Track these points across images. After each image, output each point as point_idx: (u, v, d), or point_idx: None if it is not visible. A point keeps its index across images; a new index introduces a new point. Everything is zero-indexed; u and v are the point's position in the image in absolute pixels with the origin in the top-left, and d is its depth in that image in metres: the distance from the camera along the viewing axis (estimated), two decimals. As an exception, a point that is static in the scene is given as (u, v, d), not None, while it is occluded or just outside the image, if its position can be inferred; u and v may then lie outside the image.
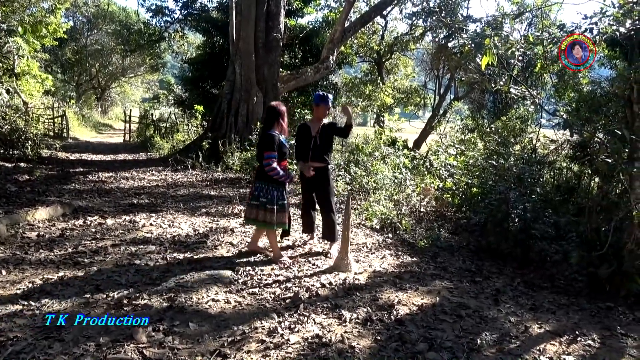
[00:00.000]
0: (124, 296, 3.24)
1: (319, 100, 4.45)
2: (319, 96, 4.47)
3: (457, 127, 11.92)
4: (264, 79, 11.99)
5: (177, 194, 7.45)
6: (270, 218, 3.97)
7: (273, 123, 3.98)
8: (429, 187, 7.16)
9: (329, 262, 4.25)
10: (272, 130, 3.95)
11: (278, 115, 3.99)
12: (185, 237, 4.85)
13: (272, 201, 3.97)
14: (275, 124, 3.98)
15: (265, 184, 3.98)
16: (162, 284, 3.48)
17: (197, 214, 6.09)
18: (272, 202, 3.97)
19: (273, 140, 3.89)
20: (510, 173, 6.23)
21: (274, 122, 3.98)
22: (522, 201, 5.02)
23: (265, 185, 3.98)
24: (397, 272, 4.15)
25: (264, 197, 3.97)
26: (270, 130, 3.94)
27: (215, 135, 11.32)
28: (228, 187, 8.42)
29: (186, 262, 4.04)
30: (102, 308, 3.05)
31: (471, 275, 4.31)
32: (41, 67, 17.77)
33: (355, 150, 9.43)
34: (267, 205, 3.96)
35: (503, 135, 9.13)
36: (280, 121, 4.01)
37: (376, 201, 6.40)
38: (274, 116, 3.98)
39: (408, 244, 5.25)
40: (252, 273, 3.85)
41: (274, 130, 3.96)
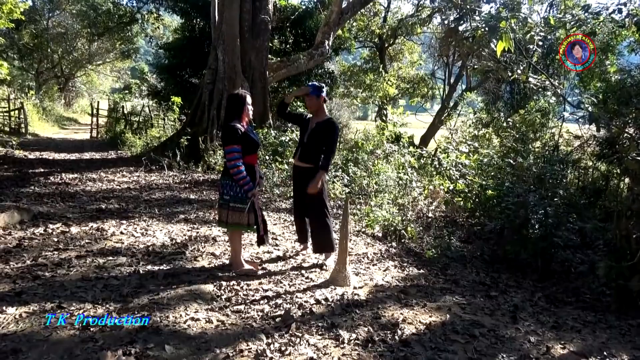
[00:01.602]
0: (90, 315, 3.22)
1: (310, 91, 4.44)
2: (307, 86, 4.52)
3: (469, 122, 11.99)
4: (250, 66, 11.97)
5: (151, 198, 7.41)
6: (240, 218, 3.99)
7: (235, 113, 4.00)
8: (438, 189, 7.19)
9: (325, 276, 4.24)
10: (234, 121, 3.96)
11: (242, 105, 4.01)
12: (160, 247, 4.83)
13: (237, 199, 3.98)
14: (238, 115, 4.00)
15: (229, 180, 4.00)
16: (134, 301, 3.46)
17: (175, 220, 6.07)
18: (237, 199, 3.98)
19: (235, 131, 3.89)
20: (530, 173, 6.27)
21: (237, 112, 4.00)
22: (543, 205, 5.04)
23: (229, 182, 4.00)
24: (402, 286, 4.15)
25: (227, 195, 4.01)
26: (233, 122, 3.96)
27: (195, 130, 11.29)
28: (210, 189, 8.39)
29: (162, 275, 4.02)
30: (64, 329, 3.03)
31: (486, 289, 4.32)
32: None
33: (355, 148, 9.45)
34: (232, 203, 3.98)
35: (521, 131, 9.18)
36: (245, 112, 4.03)
37: (378, 205, 6.41)
38: (237, 106, 4.01)
39: (414, 254, 5.25)
40: (237, 288, 3.84)
41: (237, 121, 3.98)
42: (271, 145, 9.67)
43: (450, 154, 8.19)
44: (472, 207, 6.69)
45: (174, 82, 16.59)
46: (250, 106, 4.11)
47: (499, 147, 9.43)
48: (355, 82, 24.31)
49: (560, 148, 9.12)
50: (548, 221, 4.88)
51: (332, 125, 4.38)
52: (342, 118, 25.87)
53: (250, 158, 4.04)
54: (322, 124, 4.40)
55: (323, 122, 4.41)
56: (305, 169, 4.42)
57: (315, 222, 4.51)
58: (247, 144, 3.98)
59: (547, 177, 5.87)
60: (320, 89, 4.44)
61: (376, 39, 24.44)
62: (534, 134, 9.44)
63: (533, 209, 5.05)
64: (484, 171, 7.51)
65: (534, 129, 9.54)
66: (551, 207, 5.07)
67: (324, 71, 17.40)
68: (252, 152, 4.06)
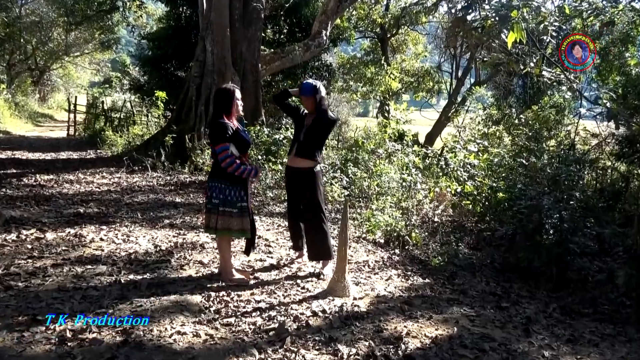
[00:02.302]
0: (67, 328, 3.21)
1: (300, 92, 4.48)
2: (299, 85, 4.55)
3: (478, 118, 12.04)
4: (241, 58, 11.98)
5: (133, 202, 7.41)
6: (229, 223, 4.00)
7: (224, 109, 4.01)
8: (445, 191, 7.21)
9: (322, 285, 4.25)
10: (223, 118, 3.98)
11: (231, 100, 4.02)
12: (143, 255, 4.83)
13: (227, 202, 4.00)
14: (226, 111, 4.01)
15: (218, 182, 4.02)
16: (115, 313, 3.45)
17: (159, 226, 6.07)
18: (227, 203, 4.00)
19: (225, 128, 3.92)
20: (544, 174, 6.30)
21: (226, 108, 4.01)
22: (558, 209, 5.07)
23: (218, 184, 4.02)
24: (405, 296, 4.17)
25: (217, 198, 4.01)
26: (221, 119, 3.97)
27: (181, 128, 11.27)
28: (197, 192, 8.39)
29: (145, 285, 4.01)
30: (40, 344, 3.02)
31: (496, 299, 4.34)
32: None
33: (354, 147, 9.46)
34: (221, 207, 3.99)
35: (534, 128, 9.23)
36: (234, 107, 4.05)
37: (380, 209, 6.42)
38: (226, 101, 4.02)
39: (419, 262, 5.26)
40: (227, 299, 3.85)
41: (225, 118, 3.99)
42: (264, 144, 9.66)
43: (458, 153, 8.21)
44: (481, 211, 6.71)
45: (158, 75, 16.57)
46: (240, 101, 4.13)
47: (510, 146, 9.46)
48: (355, 75, 24.36)
49: (576, 147, 9.17)
50: (563, 226, 4.90)
51: (328, 115, 4.47)
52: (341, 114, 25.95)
53: (241, 157, 4.06)
54: (320, 118, 4.44)
55: (320, 116, 4.44)
56: (300, 170, 4.43)
57: (311, 228, 4.52)
58: (236, 143, 4.00)
59: (562, 179, 5.90)
60: (314, 90, 4.41)
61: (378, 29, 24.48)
62: (548, 132, 9.48)
63: (547, 213, 5.07)
64: (494, 172, 7.53)
65: (548, 126, 9.58)
66: (567, 211, 5.09)
67: (321, 63, 17.42)
68: (242, 152, 4.07)
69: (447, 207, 7.15)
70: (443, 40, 22.39)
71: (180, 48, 15.54)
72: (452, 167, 7.76)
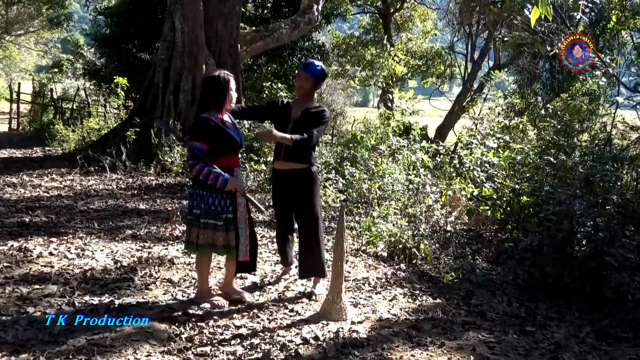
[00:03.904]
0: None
1: (299, 67, 4.49)
2: (301, 63, 4.55)
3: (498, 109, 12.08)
4: (217, 38, 11.97)
5: (89, 209, 7.38)
6: (213, 238, 3.99)
7: (213, 102, 3.98)
8: (459, 195, 7.23)
9: (315, 307, 4.26)
10: (209, 112, 3.95)
11: (224, 91, 3.97)
12: (101, 273, 4.81)
13: (210, 212, 3.97)
14: (217, 104, 3.98)
15: (200, 189, 4.01)
16: (67, 342, 3.44)
17: (120, 237, 6.05)
18: (211, 213, 3.97)
19: (203, 125, 3.91)
20: (575, 174, 6.34)
21: (216, 101, 3.98)
22: (592, 215, 5.10)
23: (200, 191, 4.01)
24: (413, 320, 4.18)
25: (197, 207, 4.00)
26: (206, 113, 3.95)
27: (145, 121, 11.24)
28: (165, 197, 8.38)
29: (103, 309, 4.00)
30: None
31: (520, 323, 4.36)
32: None
33: (352, 143, 9.47)
34: (203, 218, 3.97)
35: (564, 120, 9.27)
36: (228, 100, 4.02)
37: (382, 217, 6.44)
38: (217, 92, 3.97)
39: (429, 279, 5.28)
40: (202, 324, 3.84)
41: (212, 112, 3.96)
42: (245, 140, 9.66)
43: (475, 150, 8.24)
44: (502, 218, 6.73)
45: (118, 58, 16.48)
46: (234, 92, 4.08)
47: (536, 141, 9.52)
48: (352, 58, 24.38)
49: (613, 142, 9.23)
50: (598, 235, 4.92)
51: (321, 109, 4.47)
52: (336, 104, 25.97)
53: (227, 160, 4.02)
54: (311, 112, 4.40)
55: (313, 109, 4.42)
56: (291, 172, 4.42)
57: (303, 238, 4.52)
58: (221, 142, 3.96)
59: (597, 179, 5.93)
60: (321, 75, 4.45)
61: (379, 3, 24.60)
62: (580, 124, 9.53)
63: (579, 219, 5.09)
64: (517, 172, 7.56)
65: (580, 117, 9.64)
66: (602, 218, 5.11)
67: (312, 44, 17.42)
68: (229, 153, 4.05)
69: (462, 213, 7.17)
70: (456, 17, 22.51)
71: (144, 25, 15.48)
72: (467, 166, 7.79)
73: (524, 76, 17.58)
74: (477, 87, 21.48)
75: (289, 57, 16.48)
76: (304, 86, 4.46)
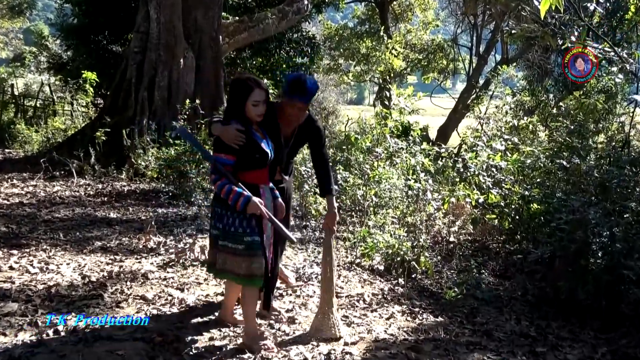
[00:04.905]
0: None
1: (294, 92, 4.00)
2: (294, 82, 4.05)
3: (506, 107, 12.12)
4: (196, 29, 11.97)
5: (54, 218, 7.35)
6: (233, 264, 3.76)
7: (235, 107, 3.77)
8: (463, 202, 7.26)
9: (304, 326, 4.26)
10: (233, 119, 3.75)
11: (246, 93, 3.72)
12: (67, 289, 4.78)
13: (229, 235, 3.77)
14: (238, 109, 3.76)
15: (217, 206, 3.83)
16: (29, 367, 3.43)
17: (88, 249, 6.02)
18: (229, 236, 3.77)
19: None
20: (590, 179, 6.37)
21: (237, 105, 3.76)
22: (609, 224, 5.12)
23: (218, 208, 3.83)
24: (412, 340, 4.18)
25: (215, 227, 3.83)
26: (231, 120, 3.75)
27: (117, 120, 11.22)
28: (139, 204, 8.35)
29: (70, 330, 3.99)
30: None
31: (530, 343, 4.38)
32: None
33: (345, 145, 9.49)
34: (221, 240, 3.79)
35: (578, 120, 9.34)
36: (250, 104, 3.73)
37: (379, 226, 6.45)
38: (239, 95, 3.75)
39: (430, 295, 5.29)
40: (179, 345, 3.82)
41: (236, 120, 3.75)
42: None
43: (480, 152, 8.26)
44: (510, 227, 6.75)
45: (87, 50, 16.45)
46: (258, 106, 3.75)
47: (547, 142, 9.56)
48: (345, 51, 24.43)
49: (632, 144, 9.29)
50: (615, 246, 4.94)
51: (316, 123, 4.35)
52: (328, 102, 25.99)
53: (254, 175, 3.83)
54: (304, 127, 4.27)
55: (305, 124, 4.26)
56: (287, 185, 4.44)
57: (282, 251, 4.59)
58: (249, 154, 3.75)
59: (613, 185, 5.96)
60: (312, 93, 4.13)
61: (375, -10, 24.68)
62: (595, 125, 9.59)
63: (595, 229, 5.11)
64: (526, 177, 7.58)
65: (596, 117, 9.70)
66: (620, 227, 5.13)
67: (302, 36, 17.46)
68: (257, 167, 3.83)
69: (466, 222, 7.19)
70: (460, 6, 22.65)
71: (115, 15, 15.47)
72: (472, 170, 7.81)
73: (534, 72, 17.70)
74: (483, 84, 21.56)
75: (275, 50, 16.51)
76: (301, 116, 4.19)
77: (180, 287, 4.95)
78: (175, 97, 11.50)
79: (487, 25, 23.14)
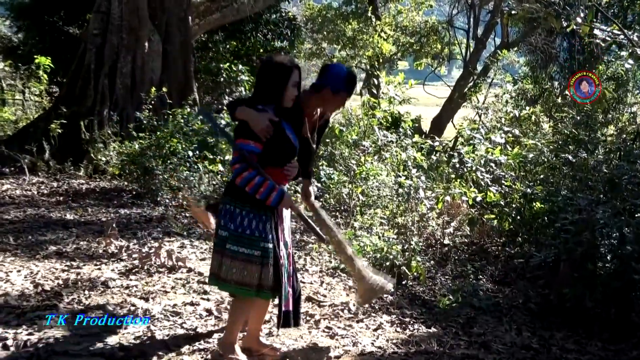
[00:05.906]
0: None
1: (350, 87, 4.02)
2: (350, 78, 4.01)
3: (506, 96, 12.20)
4: (163, 9, 11.92)
5: (3, 220, 7.29)
6: (242, 274, 3.56)
7: (274, 92, 3.61)
8: (459, 201, 7.28)
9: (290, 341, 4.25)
10: (262, 103, 3.59)
11: (287, 75, 3.59)
12: (18, 299, 4.74)
13: (242, 238, 3.58)
14: (277, 94, 3.61)
15: (231, 204, 3.64)
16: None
17: (41, 255, 5.98)
18: (242, 239, 3.58)
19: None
20: (598, 175, 6.40)
21: (277, 89, 3.60)
22: (618, 224, 5.15)
23: (231, 206, 3.63)
24: (402, 353, 4.19)
25: (225, 228, 3.62)
26: (260, 104, 3.59)
27: (74, 111, 11.14)
28: (98, 204, 8.30)
29: (21, 345, 3.94)
30: None
31: (532, 356, 4.40)
32: None
33: (329, 138, 9.48)
34: (230, 244, 3.58)
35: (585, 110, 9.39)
36: (286, 90, 3.61)
37: (366, 228, 6.45)
38: (279, 78, 3.60)
39: (422, 303, 5.30)
40: (143, 362, 3.82)
41: (266, 104, 3.60)
42: (196, 134, 9.61)
43: (478, 146, 8.30)
44: (510, 228, 6.79)
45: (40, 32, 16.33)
46: (293, 88, 3.66)
47: (551, 135, 9.61)
48: (329, 34, 24.39)
49: (643, 137, 9.37)
50: (625, 249, 4.97)
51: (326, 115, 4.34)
52: (310, 90, 25.92)
53: (274, 172, 3.61)
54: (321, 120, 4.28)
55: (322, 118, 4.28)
56: None
57: None
58: (277, 146, 3.61)
59: (624, 182, 5.99)
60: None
61: (362, -34, 24.67)
62: (604, 115, 9.66)
63: (603, 230, 5.14)
64: (528, 173, 7.62)
65: (605, 107, 9.77)
66: (630, 228, 5.17)
67: (280, 17, 17.42)
68: (280, 162, 3.68)
69: (463, 223, 7.21)
70: (455, -16, 22.72)
71: (71, -6, 15.38)
72: (469, 166, 7.83)
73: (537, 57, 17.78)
74: (481, 70, 21.66)
75: (251, 33, 16.43)
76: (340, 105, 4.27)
77: (144, 297, 4.90)
78: (140, 85, 11.44)
79: (485, 5, 23.23)
